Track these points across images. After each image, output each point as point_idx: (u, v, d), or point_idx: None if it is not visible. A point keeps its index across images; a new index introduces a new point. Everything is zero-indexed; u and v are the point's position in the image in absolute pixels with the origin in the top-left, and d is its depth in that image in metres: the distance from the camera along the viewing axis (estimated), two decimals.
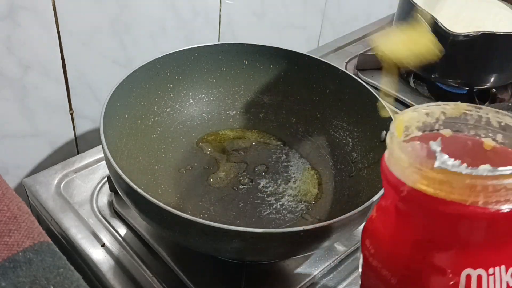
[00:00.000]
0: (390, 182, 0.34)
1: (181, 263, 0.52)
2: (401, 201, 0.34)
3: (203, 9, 0.73)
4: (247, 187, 0.59)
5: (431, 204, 0.32)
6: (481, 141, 0.37)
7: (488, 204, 0.30)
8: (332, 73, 0.64)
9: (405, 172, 0.33)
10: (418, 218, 0.34)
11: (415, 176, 0.32)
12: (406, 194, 0.33)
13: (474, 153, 0.37)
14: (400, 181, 0.33)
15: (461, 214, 0.31)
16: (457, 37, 0.69)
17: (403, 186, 0.33)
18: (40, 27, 0.57)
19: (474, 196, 0.30)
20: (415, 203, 0.33)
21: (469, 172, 0.30)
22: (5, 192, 0.40)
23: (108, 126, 0.51)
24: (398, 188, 0.33)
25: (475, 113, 0.37)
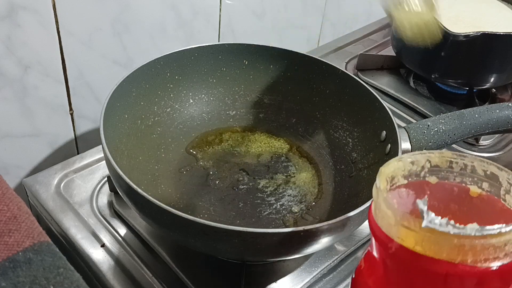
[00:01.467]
0: (377, 237, 0.34)
1: (181, 263, 0.52)
2: (389, 258, 0.34)
3: (203, 9, 0.73)
4: (247, 187, 0.59)
5: (419, 263, 0.31)
6: (467, 188, 0.37)
7: (477, 262, 0.30)
8: (332, 73, 0.64)
9: (392, 228, 0.32)
10: (406, 276, 0.33)
11: (402, 233, 0.32)
12: (394, 251, 0.32)
13: (460, 200, 0.37)
14: (387, 237, 0.33)
15: (450, 272, 0.30)
16: (457, 37, 0.69)
17: (390, 243, 0.32)
18: (40, 27, 0.57)
19: (462, 254, 0.30)
20: (403, 261, 0.32)
21: (457, 232, 0.29)
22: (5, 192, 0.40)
23: (108, 126, 0.51)
24: (385, 244, 0.33)
25: (461, 161, 0.37)
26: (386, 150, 0.56)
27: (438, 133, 0.54)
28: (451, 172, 0.37)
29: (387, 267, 0.34)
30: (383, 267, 0.35)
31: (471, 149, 0.72)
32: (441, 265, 0.30)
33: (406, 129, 0.55)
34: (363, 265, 0.38)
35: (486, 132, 0.56)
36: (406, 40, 0.52)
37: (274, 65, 0.66)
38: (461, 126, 0.55)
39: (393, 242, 0.32)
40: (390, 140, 0.55)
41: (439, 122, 0.55)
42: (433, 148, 0.54)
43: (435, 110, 0.78)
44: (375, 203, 0.34)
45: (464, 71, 0.76)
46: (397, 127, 0.54)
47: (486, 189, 0.36)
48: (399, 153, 0.51)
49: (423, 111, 0.77)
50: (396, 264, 0.34)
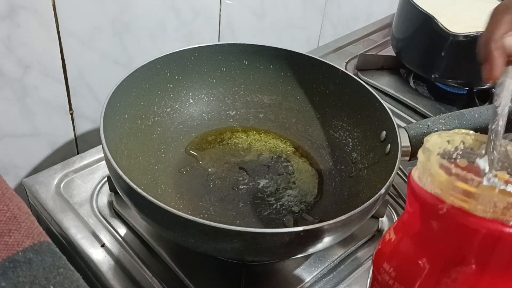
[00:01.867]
0: (424, 200, 0.34)
1: (181, 263, 0.52)
2: (437, 219, 0.33)
3: (203, 9, 0.73)
4: (247, 187, 0.59)
5: (472, 223, 0.31)
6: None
7: None
8: (332, 73, 0.64)
9: (444, 189, 0.32)
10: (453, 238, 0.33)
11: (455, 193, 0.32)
12: (445, 211, 0.32)
13: None
14: (438, 199, 0.32)
15: (502, 234, 0.30)
16: (457, 37, 0.69)
17: (441, 204, 0.32)
18: (40, 27, 0.57)
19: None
20: (453, 222, 0.32)
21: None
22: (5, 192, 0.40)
23: (108, 126, 0.51)
24: (435, 206, 0.33)
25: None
26: (386, 150, 0.56)
27: None
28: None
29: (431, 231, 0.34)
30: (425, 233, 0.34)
31: None
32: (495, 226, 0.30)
33: (406, 129, 0.55)
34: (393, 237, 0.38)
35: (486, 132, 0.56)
36: None
37: (274, 65, 0.66)
38: (461, 126, 0.55)
39: (444, 203, 0.32)
40: (390, 140, 0.55)
41: (439, 122, 0.55)
42: None
43: (435, 110, 0.78)
44: (423, 167, 0.34)
45: (464, 71, 0.76)
46: (397, 127, 0.54)
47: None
48: (399, 153, 0.51)
49: (423, 111, 0.77)
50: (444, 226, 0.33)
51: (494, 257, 0.32)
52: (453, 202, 0.32)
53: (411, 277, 0.35)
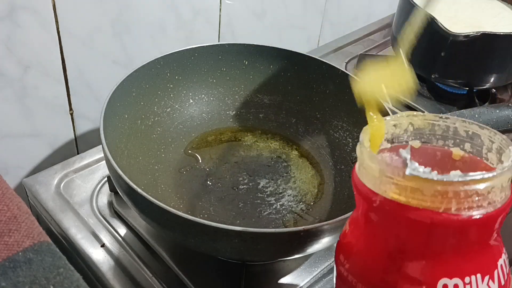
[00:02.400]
0: (361, 193, 0.34)
1: (181, 263, 0.52)
2: (373, 212, 0.34)
3: (203, 9, 0.73)
4: (247, 187, 0.59)
5: (404, 213, 0.31)
6: (449, 151, 0.37)
7: (460, 210, 0.30)
8: (332, 73, 0.64)
9: (376, 182, 0.32)
10: (391, 229, 0.33)
11: (386, 185, 0.32)
12: (378, 204, 0.32)
13: (443, 164, 0.37)
14: (371, 191, 0.33)
15: (434, 221, 0.30)
16: (457, 37, 0.69)
17: (375, 196, 0.33)
18: (40, 27, 0.57)
19: (446, 203, 0.30)
20: (388, 213, 0.33)
21: (440, 178, 0.29)
22: (5, 192, 0.40)
23: (108, 126, 0.51)
24: (370, 198, 0.33)
25: (443, 123, 0.37)
26: None
27: None
28: (434, 135, 0.37)
29: (371, 223, 0.34)
30: (367, 224, 0.35)
31: None
32: (426, 214, 0.30)
33: None
34: (347, 228, 0.38)
35: None
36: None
37: (274, 65, 0.66)
38: None
39: (377, 195, 0.32)
40: None
41: None
42: None
43: (435, 110, 0.78)
44: (359, 160, 0.35)
45: (464, 71, 0.76)
46: None
47: (468, 150, 0.36)
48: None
49: (423, 111, 0.77)
50: (381, 218, 0.34)
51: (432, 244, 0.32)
52: (385, 193, 0.32)
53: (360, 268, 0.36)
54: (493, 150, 0.35)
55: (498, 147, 0.35)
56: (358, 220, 0.36)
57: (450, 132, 0.37)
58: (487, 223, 0.31)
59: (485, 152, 0.36)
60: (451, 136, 0.37)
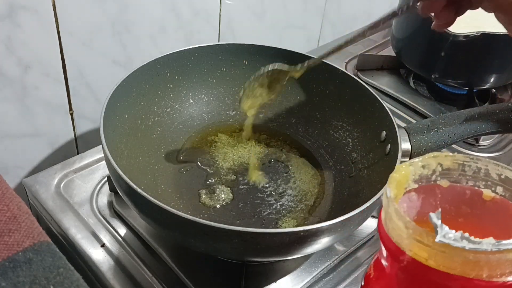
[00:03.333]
0: (388, 249, 0.33)
1: (181, 263, 0.52)
2: (400, 270, 0.33)
3: (203, 9, 0.73)
4: (247, 187, 0.59)
5: (433, 277, 0.30)
6: (480, 191, 0.36)
7: (492, 277, 0.29)
8: (332, 74, 0.64)
9: (404, 240, 0.31)
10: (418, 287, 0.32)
11: (414, 246, 0.31)
12: (405, 264, 0.31)
13: (473, 203, 0.36)
14: (399, 249, 0.32)
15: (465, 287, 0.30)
16: (457, 37, 0.69)
17: (402, 256, 0.31)
18: (40, 27, 0.57)
19: (477, 269, 0.29)
20: (415, 274, 0.32)
21: (473, 247, 0.28)
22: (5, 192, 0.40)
23: (108, 126, 0.51)
24: (397, 256, 0.32)
25: (474, 165, 0.36)
26: (386, 150, 0.56)
27: (438, 133, 0.54)
28: (464, 175, 0.36)
29: (398, 278, 0.34)
30: (394, 278, 0.34)
31: (471, 149, 0.72)
32: (456, 280, 0.29)
33: (406, 129, 0.55)
34: (372, 273, 0.37)
35: (486, 132, 0.56)
36: None
37: None
38: (461, 126, 0.55)
39: (404, 255, 0.31)
40: (390, 140, 0.55)
41: (439, 122, 0.55)
42: (433, 149, 0.54)
43: (435, 110, 0.78)
44: (386, 213, 0.33)
45: (464, 71, 0.76)
46: (397, 127, 0.54)
47: (500, 193, 0.35)
48: (399, 153, 0.51)
49: (423, 111, 0.77)
50: (408, 277, 0.33)
51: None
52: (413, 254, 0.31)
53: None
54: None
55: None
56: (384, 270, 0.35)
57: (481, 173, 0.36)
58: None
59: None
60: (482, 177, 0.36)
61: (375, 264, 0.37)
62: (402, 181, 0.35)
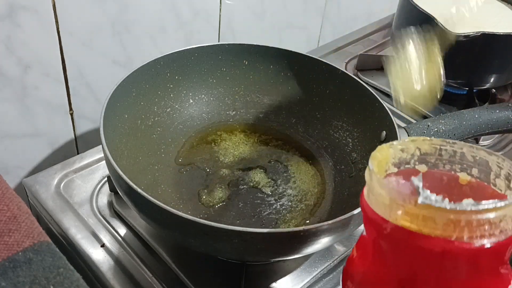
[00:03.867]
0: (371, 220, 0.33)
1: (181, 263, 0.52)
2: (384, 239, 0.33)
3: (203, 9, 0.73)
4: (247, 187, 0.59)
5: (416, 241, 0.31)
6: (456, 176, 0.37)
7: (472, 239, 0.30)
8: (332, 74, 0.64)
9: (387, 209, 0.32)
10: (402, 257, 0.33)
11: (397, 212, 0.31)
12: (389, 231, 0.32)
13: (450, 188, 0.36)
14: (382, 218, 0.32)
15: (446, 250, 0.30)
16: (457, 37, 0.69)
17: (385, 224, 0.32)
18: (40, 27, 0.57)
19: (458, 231, 0.30)
20: (399, 241, 0.32)
21: (453, 207, 0.29)
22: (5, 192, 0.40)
23: (108, 126, 0.51)
24: (380, 225, 0.32)
25: (450, 148, 0.37)
26: None
27: (438, 133, 0.54)
28: (440, 159, 0.37)
29: (381, 250, 0.34)
30: (377, 251, 0.34)
31: None
32: (438, 243, 0.30)
33: (406, 129, 0.55)
34: (355, 254, 0.38)
35: (486, 132, 0.56)
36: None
37: (274, 65, 0.66)
38: (461, 126, 0.55)
39: (387, 222, 0.32)
40: (390, 140, 0.55)
41: (439, 122, 0.55)
42: None
43: (435, 110, 0.78)
44: (368, 187, 0.34)
45: (464, 71, 0.76)
46: (397, 127, 0.54)
47: (476, 175, 0.36)
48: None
49: (422, 111, 0.77)
50: (392, 245, 0.33)
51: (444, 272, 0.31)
52: (396, 221, 0.31)
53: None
54: (501, 176, 0.35)
55: (506, 173, 0.34)
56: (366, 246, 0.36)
57: (457, 157, 0.37)
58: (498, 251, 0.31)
59: (493, 178, 0.35)
60: (458, 161, 0.37)
61: (358, 245, 0.38)
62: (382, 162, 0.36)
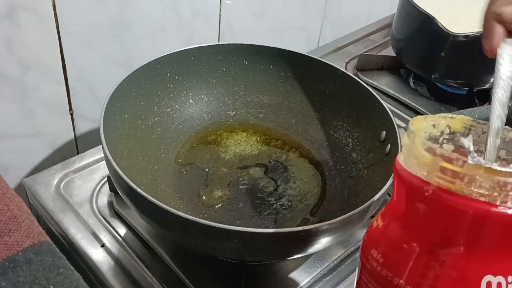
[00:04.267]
0: (409, 183, 0.33)
1: (181, 263, 0.52)
2: (423, 202, 0.33)
3: (203, 9, 0.73)
4: (247, 187, 0.59)
5: (458, 204, 0.30)
6: None
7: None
8: (332, 74, 0.64)
9: (429, 171, 0.32)
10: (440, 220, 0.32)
11: (440, 174, 0.31)
12: (431, 193, 0.32)
13: None
14: (423, 181, 0.32)
15: (489, 214, 0.30)
16: (457, 37, 0.69)
17: (427, 186, 0.32)
18: (40, 27, 0.57)
19: (504, 195, 0.30)
20: (440, 203, 0.32)
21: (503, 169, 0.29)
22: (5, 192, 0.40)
23: (108, 126, 0.51)
24: (421, 188, 0.32)
25: (479, 129, 0.36)
26: (386, 150, 0.56)
27: None
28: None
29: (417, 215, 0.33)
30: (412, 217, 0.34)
31: None
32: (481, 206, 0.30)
33: (406, 129, 0.55)
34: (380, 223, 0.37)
35: None
36: None
37: (274, 65, 0.66)
38: None
39: (429, 185, 0.31)
40: (390, 140, 0.55)
41: None
42: None
43: (435, 110, 0.78)
44: (408, 151, 0.34)
45: (464, 71, 0.76)
46: (397, 127, 0.54)
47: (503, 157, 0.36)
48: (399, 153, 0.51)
49: (423, 111, 0.77)
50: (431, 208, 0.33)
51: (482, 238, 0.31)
52: (439, 183, 0.31)
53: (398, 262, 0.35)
54: None
55: None
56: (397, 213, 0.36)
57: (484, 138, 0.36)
58: None
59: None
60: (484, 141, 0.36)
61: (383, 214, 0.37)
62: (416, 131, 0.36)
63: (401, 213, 0.35)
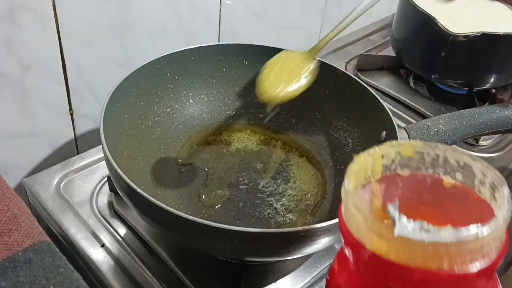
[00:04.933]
0: (349, 243, 0.32)
1: (181, 263, 0.52)
2: (361, 264, 0.32)
3: (203, 9, 0.73)
4: (247, 187, 0.59)
5: (393, 271, 0.30)
6: (440, 178, 0.35)
7: (453, 266, 0.29)
8: (332, 74, 0.64)
9: (364, 234, 0.31)
10: (380, 282, 0.32)
11: (374, 240, 0.30)
12: (366, 258, 0.31)
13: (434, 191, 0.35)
14: (359, 243, 0.31)
15: (427, 279, 0.29)
16: (457, 37, 0.69)
17: (363, 250, 0.31)
18: (40, 27, 0.57)
19: (438, 261, 0.29)
20: (376, 268, 0.31)
21: (432, 239, 0.28)
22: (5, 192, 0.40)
23: (108, 126, 0.51)
24: (357, 250, 0.31)
25: (432, 152, 0.35)
26: None
27: (438, 134, 0.54)
28: (423, 163, 0.36)
29: (360, 272, 0.33)
30: (356, 272, 0.33)
31: (471, 150, 0.72)
32: (417, 273, 0.29)
33: (406, 129, 0.55)
34: (336, 268, 0.36)
35: (486, 133, 0.56)
36: None
37: None
38: (461, 127, 0.55)
39: (365, 249, 0.30)
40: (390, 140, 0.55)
41: (439, 123, 0.55)
42: None
43: (435, 110, 0.78)
44: (345, 206, 0.32)
45: (464, 71, 0.76)
46: (397, 127, 0.54)
47: (460, 179, 0.35)
48: None
49: (423, 111, 0.78)
50: (370, 270, 0.32)
51: None
52: (373, 247, 0.30)
53: None
54: (486, 184, 0.33)
55: (491, 183, 0.33)
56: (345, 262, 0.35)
57: (440, 160, 0.35)
58: (482, 276, 0.30)
59: (477, 184, 0.34)
60: (441, 164, 0.35)
61: (339, 258, 0.37)
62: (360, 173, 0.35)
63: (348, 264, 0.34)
